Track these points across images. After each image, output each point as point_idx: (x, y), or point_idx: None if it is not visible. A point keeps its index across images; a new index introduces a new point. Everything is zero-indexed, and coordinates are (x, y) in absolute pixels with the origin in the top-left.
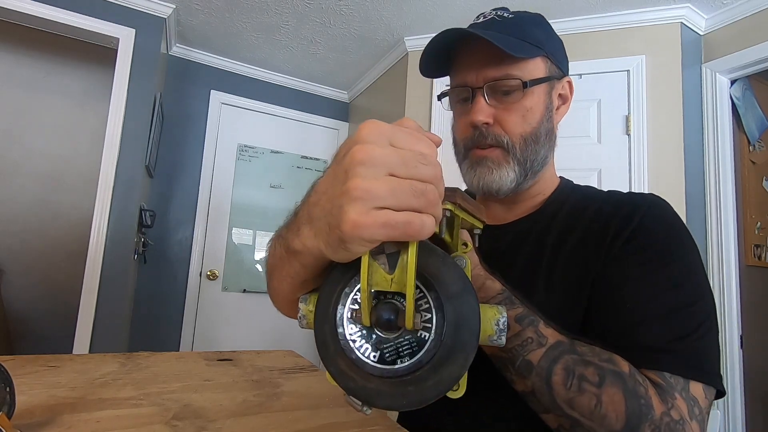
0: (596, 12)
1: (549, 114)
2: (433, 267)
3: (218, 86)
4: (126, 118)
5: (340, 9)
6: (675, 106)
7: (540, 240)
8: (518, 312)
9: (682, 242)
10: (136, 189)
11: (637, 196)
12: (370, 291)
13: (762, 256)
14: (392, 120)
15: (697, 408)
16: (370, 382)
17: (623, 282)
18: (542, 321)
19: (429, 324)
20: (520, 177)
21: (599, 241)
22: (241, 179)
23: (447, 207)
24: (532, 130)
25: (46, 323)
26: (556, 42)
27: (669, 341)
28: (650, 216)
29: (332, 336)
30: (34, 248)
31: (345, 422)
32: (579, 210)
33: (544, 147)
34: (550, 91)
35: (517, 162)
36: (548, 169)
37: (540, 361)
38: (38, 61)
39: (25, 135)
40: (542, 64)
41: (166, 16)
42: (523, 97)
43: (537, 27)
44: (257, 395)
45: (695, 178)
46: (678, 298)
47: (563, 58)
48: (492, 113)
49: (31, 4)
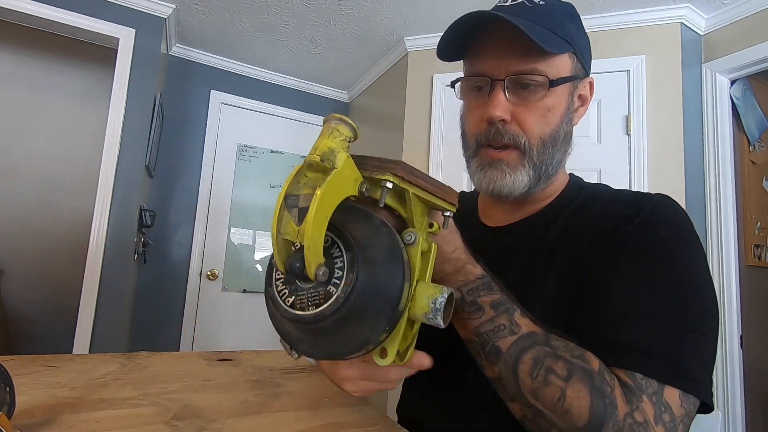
0: (596, 12)
1: (569, 116)
2: (358, 231)
3: (218, 86)
4: (126, 118)
5: (340, 9)
6: (675, 106)
7: (539, 241)
8: (495, 298)
9: (684, 245)
10: (136, 189)
11: (645, 196)
12: (280, 238)
13: (762, 256)
14: (392, 119)
15: (668, 414)
16: (288, 326)
17: (610, 277)
18: (519, 310)
19: (339, 281)
20: (534, 181)
21: (594, 238)
22: (241, 179)
23: (386, 178)
24: (552, 132)
25: (46, 323)
26: (585, 38)
27: (647, 342)
28: (653, 216)
29: (268, 281)
30: (34, 248)
31: (345, 422)
32: (583, 210)
33: (561, 150)
34: (573, 91)
35: (532, 165)
36: (561, 172)
37: (509, 349)
38: (38, 61)
39: (25, 135)
40: (569, 61)
41: (166, 16)
42: (546, 96)
43: (569, 19)
44: (257, 395)
45: (695, 178)
46: (668, 301)
47: (589, 57)
48: (510, 109)
49: (31, 4)
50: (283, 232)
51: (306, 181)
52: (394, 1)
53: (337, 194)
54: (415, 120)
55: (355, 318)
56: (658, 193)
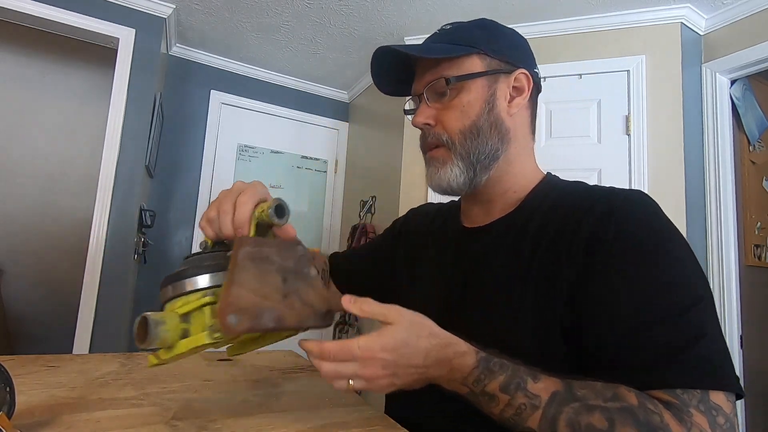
0: (596, 12)
1: (490, 106)
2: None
3: (218, 86)
4: (126, 118)
5: (340, 9)
6: (675, 106)
7: (516, 243)
8: (501, 381)
9: (666, 239)
10: (136, 189)
11: (614, 194)
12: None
13: (762, 256)
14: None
15: (722, 416)
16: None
17: (610, 296)
18: (529, 378)
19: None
20: (468, 172)
21: (571, 241)
22: (241, 179)
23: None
24: (471, 124)
25: (46, 323)
26: (503, 39)
27: (671, 353)
28: (627, 216)
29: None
30: (34, 248)
31: (345, 422)
32: (554, 211)
33: (491, 139)
34: (492, 84)
35: (460, 157)
36: (512, 163)
37: (540, 424)
38: (38, 61)
39: (25, 135)
40: (478, 61)
41: (166, 16)
42: (459, 94)
43: (477, 29)
44: (257, 395)
45: (695, 178)
46: (672, 303)
47: (515, 53)
48: (433, 115)
49: (31, 4)
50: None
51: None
52: (394, 1)
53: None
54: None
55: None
56: (630, 189)
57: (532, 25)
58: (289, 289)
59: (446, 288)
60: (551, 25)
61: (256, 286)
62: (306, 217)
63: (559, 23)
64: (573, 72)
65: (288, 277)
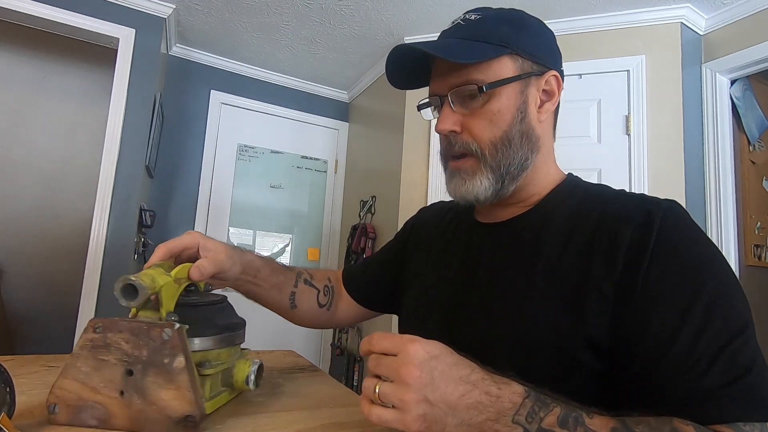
0: (596, 12)
1: (522, 115)
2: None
3: (218, 86)
4: (126, 118)
5: (340, 9)
6: (675, 106)
7: (536, 243)
8: (557, 413)
9: (710, 256)
10: (136, 189)
11: (649, 202)
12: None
13: (762, 256)
14: (392, 120)
15: None
16: None
17: (658, 323)
18: (584, 413)
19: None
20: (497, 184)
21: (608, 253)
22: (241, 179)
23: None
24: (503, 134)
25: (46, 323)
26: (534, 36)
27: (728, 384)
28: (668, 229)
29: None
30: (34, 248)
31: (345, 422)
32: (583, 212)
33: (522, 149)
34: (524, 89)
35: (490, 169)
36: (538, 170)
37: None
38: (38, 61)
39: (25, 135)
40: (510, 62)
41: (166, 16)
42: (489, 101)
43: (505, 24)
44: (257, 395)
45: (695, 178)
46: (723, 328)
47: (546, 52)
48: (459, 121)
49: (31, 4)
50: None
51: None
52: (394, 1)
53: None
54: (415, 120)
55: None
56: (665, 199)
57: None
58: (130, 385)
59: (454, 281)
60: (551, 25)
61: (85, 379)
62: (306, 217)
63: (559, 23)
64: (573, 72)
65: (135, 370)
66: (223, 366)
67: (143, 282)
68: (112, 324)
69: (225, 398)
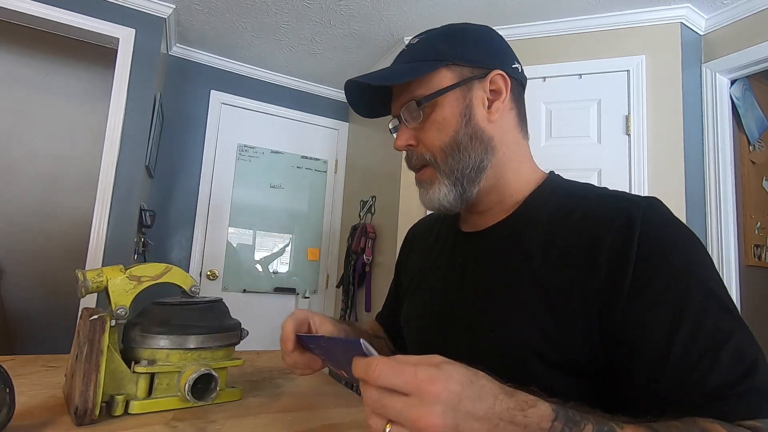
0: (596, 12)
1: (467, 118)
2: None
3: (218, 86)
4: (126, 118)
5: (340, 9)
6: (675, 106)
7: (519, 249)
8: (589, 429)
9: (694, 252)
10: (136, 189)
11: (629, 201)
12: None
13: (762, 256)
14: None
15: None
16: None
17: (651, 327)
18: (615, 425)
19: None
20: (456, 188)
21: (589, 257)
22: (241, 179)
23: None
24: (451, 140)
25: (46, 323)
26: (472, 44)
27: (739, 381)
28: (650, 231)
29: None
30: (34, 248)
31: (345, 422)
32: (563, 213)
33: (474, 151)
34: (466, 94)
35: (445, 175)
36: (504, 171)
37: None
38: (38, 61)
39: (25, 135)
40: (448, 73)
41: (166, 16)
42: (433, 111)
43: (440, 39)
44: (257, 395)
45: (695, 178)
46: (720, 325)
47: (487, 56)
48: (413, 135)
49: (31, 4)
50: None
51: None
52: (394, 1)
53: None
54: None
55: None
56: (644, 197)
57: (532, 25)
58: (76, 368)
59: (443, 292)
60: (551, 25)
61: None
62: (306, 217)
63: (559, 23)
64: (573, 72)
65: (79, 354)
66: (170, 368)
67: (80, 276)
68: (85, 312)
69: (175, 403)
